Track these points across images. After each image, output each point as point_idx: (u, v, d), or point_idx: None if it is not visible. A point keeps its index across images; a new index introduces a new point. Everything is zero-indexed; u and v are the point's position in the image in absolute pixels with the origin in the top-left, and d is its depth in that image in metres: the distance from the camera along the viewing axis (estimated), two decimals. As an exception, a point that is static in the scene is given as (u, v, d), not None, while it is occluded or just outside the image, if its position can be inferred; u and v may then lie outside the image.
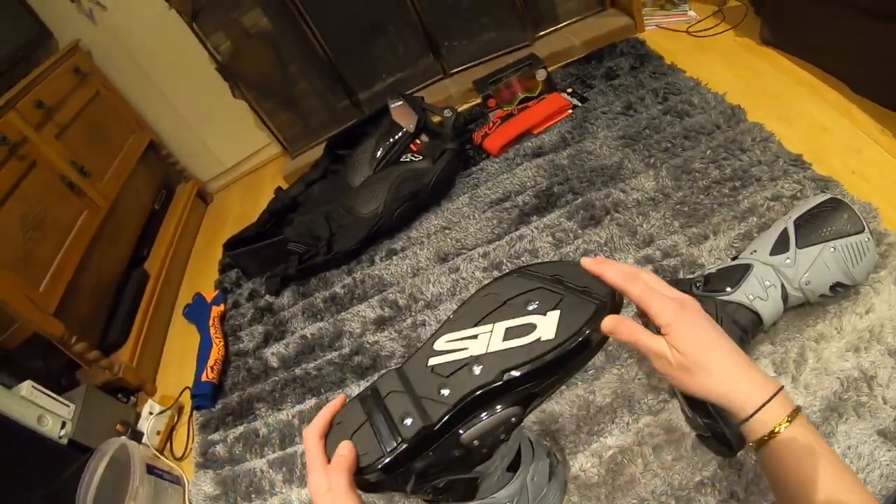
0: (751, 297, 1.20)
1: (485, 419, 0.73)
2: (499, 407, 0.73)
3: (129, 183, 2.72)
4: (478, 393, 0.71)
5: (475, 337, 0.74)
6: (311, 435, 0.80)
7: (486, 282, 0.80)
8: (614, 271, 0.74)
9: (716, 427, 1.07)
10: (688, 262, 1.50)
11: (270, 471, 1.64)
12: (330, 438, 0.79)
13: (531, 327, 0.72)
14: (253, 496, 1.63)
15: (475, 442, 0.75)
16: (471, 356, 0.73)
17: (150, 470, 1.70)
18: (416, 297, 1.85)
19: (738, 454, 1.10)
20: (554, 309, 0.72)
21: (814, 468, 0.65)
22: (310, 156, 2.90)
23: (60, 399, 1.82)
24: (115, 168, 2.64)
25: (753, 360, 1.23)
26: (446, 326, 0.78)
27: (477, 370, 0.72)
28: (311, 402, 1.76)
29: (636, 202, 1.73)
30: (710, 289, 1.24)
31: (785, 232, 1.26)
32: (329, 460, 0.76)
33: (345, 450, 0.75)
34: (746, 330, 1.19)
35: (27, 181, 2.11)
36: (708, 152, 1.76)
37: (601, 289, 0.74)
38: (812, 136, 1.71)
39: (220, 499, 1.68)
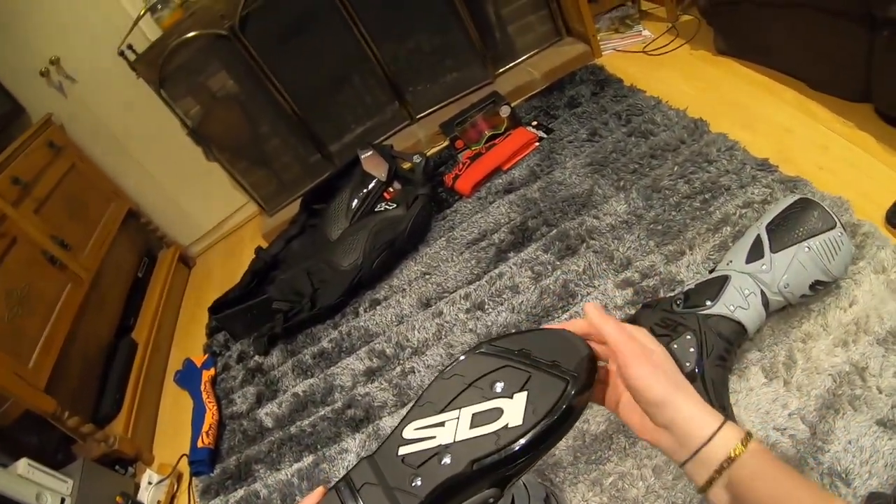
0: (731, 307, 1.20)
1: None
2: (474, 492, 0.71)
3: (110, 253, 2.71)
4: (449, 483, 0.69)
5: (442, 424, 0.73)
6: None
7: (451, 362, 0.77)
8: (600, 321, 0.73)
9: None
10: (667, 281, 1.50)
11: (274, 532, 1.63)
12: None
13: (498, 412, 0.70)
14: (258, 558, 1.62)
15: None
16: (439, 445, 0.71)
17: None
18: (402, 344, 1.85)
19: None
20: (521, 391, 0.70)
21: (786, 487, 0.61)
22: (287, 212, 2.91)
23: (58, 475, 1.81)
24: (96, 239, 2.64)
25: (742, 369, 1.25)
26: (414, 412, 0.76)
27: (446, 460, 0.69)
28: (308, 460, 1.75)
29: (610, 227, 1.74)
30: (691, 304, 1.25)
31: (758, 238, 1.27)
32: None
33: None
34: (731, 341, 1.19)
35: (9, 258, 2.11)
36: (675, 168, 1.77)
37: (571, 360, 0.71)
38: (776, 139, 1.74)
39: (228, 564, 1.68)
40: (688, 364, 1.15)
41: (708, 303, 1.23)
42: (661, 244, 1.60)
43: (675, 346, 1.18)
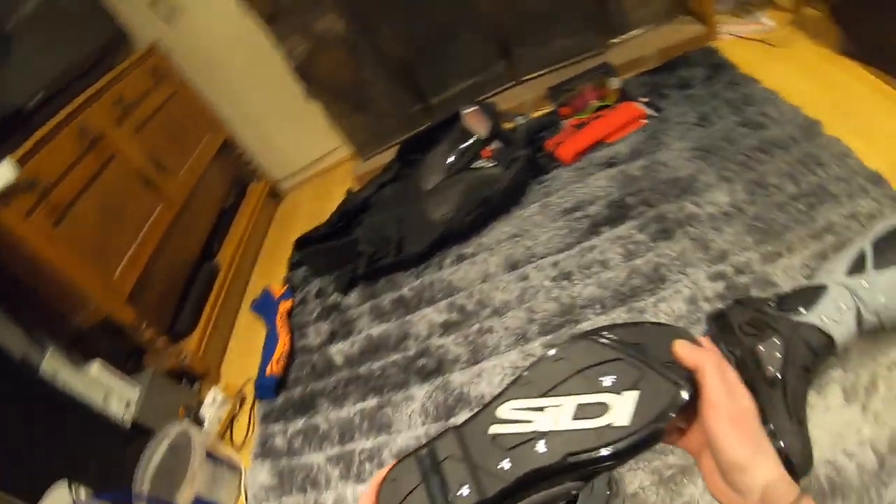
0: (825, 319, 1.17)
1: (542, 492, 0.69)
2: (559, 482, 0.68)
3: (202, 180, 2.80)
4: (538, 472, 0.67)
5: (542, 409, 0.69)
6: (369, 489, 0.74)
7: (558, 344, 0.74)
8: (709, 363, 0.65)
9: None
10: (760, 280, 1.47)
11: (328, 466, 1.69)
12: (382, 495, 0.74)
13: (604, 408, 0.66)
14: (308, 489, 1.67)
15: None
16: (535, 431, 0.68)
17: (209, 456, 1.75)
18: (484, 303, 1.87)
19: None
20: (631, 389, 0.66)
21: None
22: (380, 159, 2.93)
23: (128, 380, 1.89)
24: (190, 165, 2.73)
25: (822, 385, 1.22)
26: (512, 390, 0.73)
27: (540, 448, 0.67)
28: (373, 402, 1.80)
29: (710, 216, 1.71)
30: (785, 309, 1.23)
31: (862, 252, 1.24)
32: None
33: None
34: (818, 353, 1.16)
35: (106, 174, 2.20)
36: (784, 166, 1.72)
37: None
38: (892, 152, 1.65)
39: (276, 489, 1.73)
40: (771, 368, 1.12)
41: (802, 310, 1.20)
42: (759, 242, 1.56)
43: (762, 347, 1.15)
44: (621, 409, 0.65)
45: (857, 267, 1.22)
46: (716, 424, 0.62)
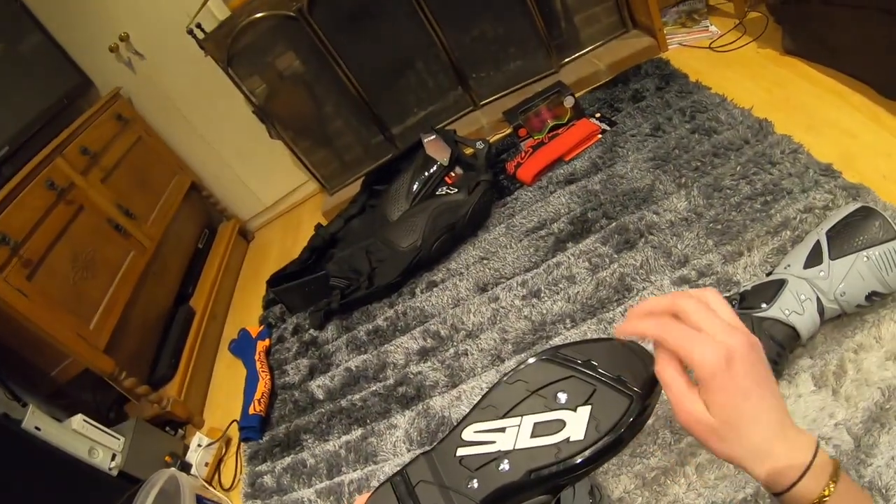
0: (787, 311, 1.20)
1: None
2: (527, 497, 0.71)
3: (173, 223, 2.81)
4: (505, 489, 0.69)
5: (503, 430, 0.72)
6: None
7: (515, 367, 0.75)
8: (649, 326, 0.66)
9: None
10: (723, 280, 1.50)
11: (318, 500, 1.69)
12: None
13: (560, 424, 0.69)
14: (300, 525, 1.67)
15: None
16: (498, 451, 0.71)
17: (200, 500, 1.75)
18: (457, 327, 1.89)
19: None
20: (585, 404, 0.69)
21: None
22: (347, 192, 2.96)
23: (110, 432, 1.88)
24: (160, 210, 2.74)
25: (792, 375, 1.24)
26: (474, 414, 0.76)
27: (504, 466, 0.70)
28: (357, 433, 1.80)
29: (669, 223, 1.74)
30: (746, 306, 1.26)
31: (818, 244, 1.26)
32: None
33: None
34: (784, 345, 1.20)
35: (76, 224, 2.21)
36: (738, 168, 1.76)
37: (636, 376, 0.69)
38: (841, 144, 1.70)
39: (269, 528, 1.73)
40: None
41: (763, 305, 1.23)
42: (719, 244, 1.60)
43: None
44: (576, 424, 0.68)
45: (815, 258, 1.25)
46: (683, 418, 0.63)
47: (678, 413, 0.63)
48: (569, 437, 0.68)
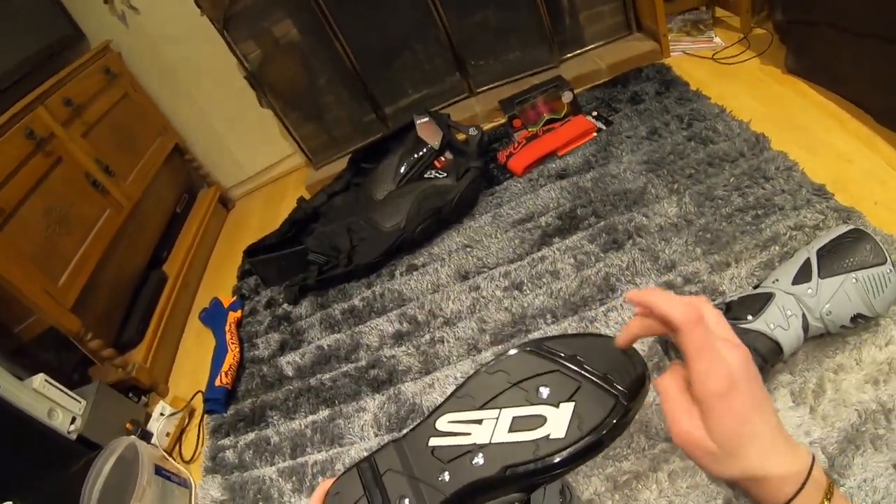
0: (772, 325, 1.19)
1: None
2: (500, 494, 0.68)
3: (152, 185, 2.76)
4: (477, 484, 0.66)
5: (479, 422, 0.69)
6: (312, 502, 0.74)
7: (496, 356, 0.72)
8: (680, 306, 0.58)
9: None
10: (709, 290, 1.49)
11: (280, 479, 1.65)
12: None
13: (540, 420, 0.66)
14: (260, 503, 1.64)
15: None
16: (473, 444, 0.68)
17: (158, 471, 1.70)
18: (435, 313, 1.86)
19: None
20: (568, 401, 0.65)
21: None
22: (333, 168, 2.93)
23: (72, 394, 1.84)
24: (140, 169, 2.69)
25: (771, 389, 1.23)
26: (451, 403, 0.72)
27: (479, 460, 0.66)
28: (324, 413, 1.77)
29: (658, 227, 1.74)
30: (732, 316, 1.24)
31: (808, 262, 1.26)
32: None
33: None
34: (766, 359, 1.19)
35: (52, 176, 2.16)
36: (731, 179, 1.76)
37: (623, 375, 0.66)
38: (836, 166, 1.71)
39: (227, 504, 1.69)
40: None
41: (749, 317, 1.22)
42: (707, 252, 1.59)
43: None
44: (558, 421, 0.65)
45: (804, 275, 1.24)
46: (678, 430, 0.60)
47: (674, 432, 0.60)
48: (549, 435, 0.64)
